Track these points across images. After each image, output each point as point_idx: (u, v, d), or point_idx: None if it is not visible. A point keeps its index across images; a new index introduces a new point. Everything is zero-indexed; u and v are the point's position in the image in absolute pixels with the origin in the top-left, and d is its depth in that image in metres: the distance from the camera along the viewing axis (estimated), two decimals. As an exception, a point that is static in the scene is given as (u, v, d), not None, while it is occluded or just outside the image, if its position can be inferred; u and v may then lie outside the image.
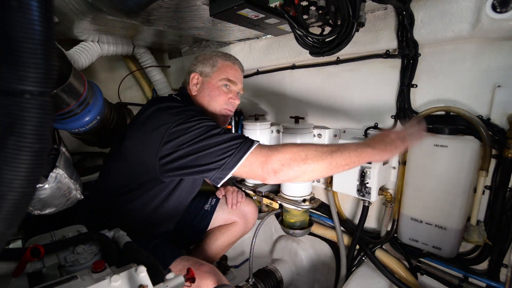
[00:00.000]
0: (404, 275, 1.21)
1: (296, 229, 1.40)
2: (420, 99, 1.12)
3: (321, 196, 1.50)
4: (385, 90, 1.19)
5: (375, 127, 1.24)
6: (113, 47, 1.71)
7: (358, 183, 1.16)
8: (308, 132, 1.33)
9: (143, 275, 0.57)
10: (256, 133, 1.50)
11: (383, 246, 1.30)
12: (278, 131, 1.55)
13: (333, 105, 1.39)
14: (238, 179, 1.62)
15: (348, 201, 1.43)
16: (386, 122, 1.22)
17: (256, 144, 0.87)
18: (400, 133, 0.89)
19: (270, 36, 1.44)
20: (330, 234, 1.48)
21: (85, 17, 1.15)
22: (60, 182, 0.89)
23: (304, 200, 1.33)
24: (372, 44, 1.12)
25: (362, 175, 1.14)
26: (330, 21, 0.88)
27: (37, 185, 0.84)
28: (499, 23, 0.82)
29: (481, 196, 0.98)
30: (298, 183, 1.33)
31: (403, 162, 1.12)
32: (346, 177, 1.19)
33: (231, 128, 1.68)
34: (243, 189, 1.56)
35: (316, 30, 0.96)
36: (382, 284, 1.25)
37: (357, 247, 1.36)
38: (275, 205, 1.44)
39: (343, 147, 0.85)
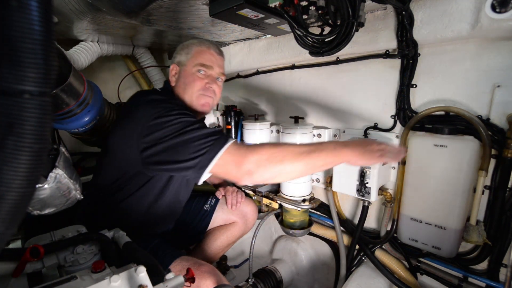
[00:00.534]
0: (404, 275, 1.21)
1: (296, 229, 1.40)
2: (420, 99, 1.12)
3: (321, 196, 1.50)
4: (385, 90, 1.19)
5: (375, 127, 1.24)
6: (113, 47, 1.70)
7: (358, 183, 1.16)
8: (308, 132, 1.33)
9: (143, 275, 0.58)
10: (256, 133, 1.50)
11: (383, 246, 1.30)
12: (278, 131, 1.55)
13: (333, 105, 1.39)
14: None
15: (348, 201, 1.43)
16: (386, 122, 1.22)
17: (231, 142, 0.86)
18: (381, 146, 0.88)
19: (270, 36, 1.44)
20: (330, 234, 1.48)
21: (85, 17, 1.15)
22: (60, 182, 0.89)
23: (304, 200, 1.33)
24: (372, 44, 1.12)
25: (362, 175, 1.14)
26: (330, 21, 0.88)
27: (37, 185, 0.83)
28: (499, 23, 0.82)
29: (481, 196, 0.98)
30: (298, 183, 1.33)
31: (403, 162, 1.12)
32: (346, 177, 1.19)
33: (231, 128, 1.68)
34: (243, 189, 1.56)
35: (316, 30, 0.96)
36: (382, 284, 1.25)
37: (357, 247, 1.36)
38: (275, 205, 1.44)
39: (322, 147, 0.84)
